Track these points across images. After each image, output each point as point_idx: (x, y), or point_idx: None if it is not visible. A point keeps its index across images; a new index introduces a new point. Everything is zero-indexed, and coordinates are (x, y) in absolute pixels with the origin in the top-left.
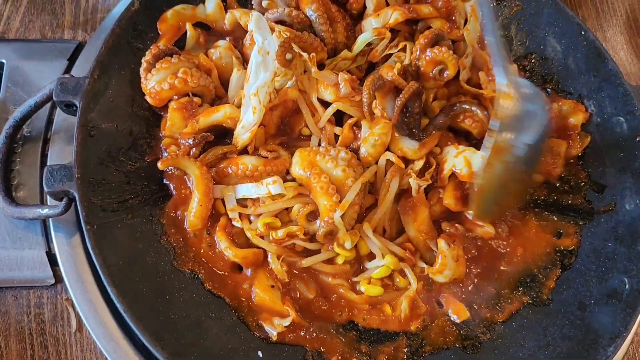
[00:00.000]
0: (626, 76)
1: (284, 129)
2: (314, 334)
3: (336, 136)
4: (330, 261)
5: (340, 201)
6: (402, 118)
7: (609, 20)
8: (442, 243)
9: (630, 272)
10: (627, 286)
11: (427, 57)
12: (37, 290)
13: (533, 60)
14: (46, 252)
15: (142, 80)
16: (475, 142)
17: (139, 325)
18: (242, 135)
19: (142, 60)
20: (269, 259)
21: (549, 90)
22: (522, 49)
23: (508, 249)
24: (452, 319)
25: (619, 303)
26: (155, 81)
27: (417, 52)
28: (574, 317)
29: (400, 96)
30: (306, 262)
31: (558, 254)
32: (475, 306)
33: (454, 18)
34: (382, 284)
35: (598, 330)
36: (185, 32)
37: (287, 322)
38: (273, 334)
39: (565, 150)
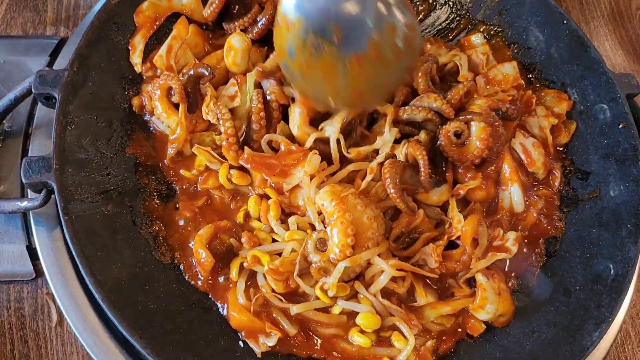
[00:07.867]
0: (611, 66)
1: None
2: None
3: None
4: (325, 309)
5: (353, 246)
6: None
7: (592, 11)
8: (480, 276)
9: (615, 257)
10: (612, 272)
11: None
12: (17, 285)
13: (516, 50)
14: (26, 247)
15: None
16: None
17: (117, 314)
18: None
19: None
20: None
21: (532, 79)
22: (505, 39)
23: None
24: None
25: (604, 289)
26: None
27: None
28: (559, 304)
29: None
30: (298, 308)
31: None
32: None
33: None
34: (377, 337)
35: (583, 315)
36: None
37: (272, 341)
38: (257, 351)
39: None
